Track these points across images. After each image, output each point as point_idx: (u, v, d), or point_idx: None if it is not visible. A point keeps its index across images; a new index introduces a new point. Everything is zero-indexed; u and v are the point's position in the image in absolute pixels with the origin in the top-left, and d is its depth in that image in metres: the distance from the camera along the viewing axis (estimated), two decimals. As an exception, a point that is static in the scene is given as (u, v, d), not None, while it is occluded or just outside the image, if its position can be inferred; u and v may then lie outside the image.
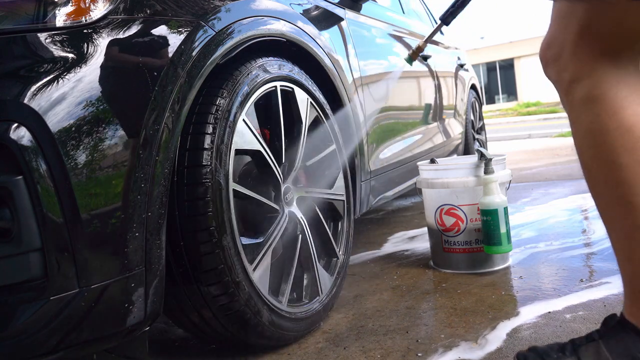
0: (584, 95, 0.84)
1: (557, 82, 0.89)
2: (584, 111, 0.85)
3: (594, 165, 0.85)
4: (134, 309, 0.91)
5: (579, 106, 0.85)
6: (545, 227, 2.20)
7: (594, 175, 0.86)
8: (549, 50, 0.90)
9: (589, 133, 0.85)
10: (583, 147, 0.87)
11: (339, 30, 1.76)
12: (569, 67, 0.85)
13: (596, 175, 0.86)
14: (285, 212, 1.30)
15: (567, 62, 0.85)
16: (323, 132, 1.51)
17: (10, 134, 0.78)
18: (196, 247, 1.03)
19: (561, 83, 0.88)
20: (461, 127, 3.44)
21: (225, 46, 1.12)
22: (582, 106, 0.85)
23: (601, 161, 0.84)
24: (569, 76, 0.86)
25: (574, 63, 0.84)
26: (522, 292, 1.46)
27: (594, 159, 0.85)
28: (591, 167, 0.86)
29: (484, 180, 1.62)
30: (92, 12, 0.90)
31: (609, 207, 0.86)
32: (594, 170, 0.86)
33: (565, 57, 0.86)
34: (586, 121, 0.85)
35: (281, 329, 1.21)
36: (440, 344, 1.18)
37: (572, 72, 0.85)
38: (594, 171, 0.86)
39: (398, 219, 2.78)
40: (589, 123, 0.84)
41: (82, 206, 0.83)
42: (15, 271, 0.80)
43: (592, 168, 0.86)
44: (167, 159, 0.96)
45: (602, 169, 0.84)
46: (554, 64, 0.88)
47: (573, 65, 0.85)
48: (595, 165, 0.85)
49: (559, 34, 0.87)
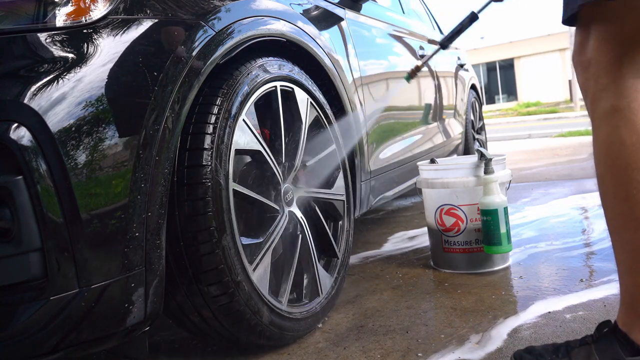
0: (607, 106, 0.84)
1: (586, 89, 0.89)
2: (605, 122, 0.85)
3: (607, 177, 0.86)
4: (134, 309, 0.91)
5: (601, 116, 0.85)
6: (545, 227, 2.20)
7: (606, 186, 0.87)
8: (577, 58, 0.90)
9: (606, 144, 0.85)
10: (599, 158, 0.88)
11: (339, 30, 1.76)
12: (595, 76, 0.85)
13: (608, 186, 0.87)
14: (285, 212, 1.30)
15: (593, 71, 0.85)
16: (323, 132, 1.51)
17: (10, 134, 0.78)
18: (196, 247, 1.03)
19: (589, 92, 0.88)
20: (461, 127, 3.44)
21: (225, 46, 1.12)
22: (604, 117, 0.85)
23: (614, 174, 0.84)
24: (595, 86, 0.86)
25: (599, 72, 0.84)
26: (522, 292, 1.46)
27: (608, 170, 0.86)
28: (604, 178, 0.87)
29: (484, 180, 1.62)
30: (92, 12, 0.90)
31: (616, 220, 0.87)
32: (607, 181, 0.87)
33: (592, 66, 0.85)
34: (605, 132, 0.85)
35: (281, 329, 1.21)
36: (440, 344, 1.18)
37: (598, 82, 0.85)
38: (607, 182, 0.87)
39: (398, 219, 2.78)
40: (607, 134, 0.85)
41: (82, 206, 0.83)
42: (15, 271, 0.80)
43: (606, 179, 0.87)
44: (167, 159, 0.96)
45: (614, 182, 0.85)
46: (584, 72, 0.88)
47: (599, 75, 0.85)
48: (609, 177, 0.86)
49: (583, 42, 0.87)
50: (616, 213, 0.86)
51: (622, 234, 0.86)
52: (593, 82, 0.86)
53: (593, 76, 0.86)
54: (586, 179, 3.44)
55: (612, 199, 0.86)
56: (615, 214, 0.87)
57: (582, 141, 6.40)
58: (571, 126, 9.01)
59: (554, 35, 26.00)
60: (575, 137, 7.09)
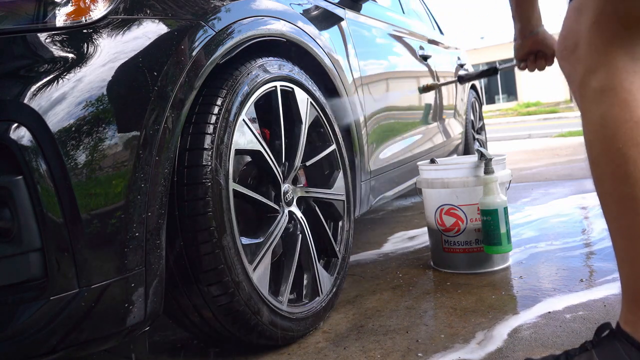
0: (598, 86, 0.82)
1: (572, 74, 0.87)
2: (597, 102, 0.82)
3: (603, 159, 0.83)
4: (134, 309, 0.91)
5: (592, 97, 0.83)
6: (545, 227, 2.20)
7: (602, 169, 0.83)
8: (564, 42, 0.88)
9: (600, 125, 0.82)
10: (592, 140, 0.85)
11: (339, 30, 1.76)
12: (584, 57, 0.83)
13: (604, 169, 0.83)
14: (285, 212, 1.30)
15: (582, 52, 0.83)
16: (323, 132, 1.51)
17: (10, 134, 0.78)
18: (196, 247, 1.03)
19: (576, 75, 0.86)
20: (461, 127, 3.44)
21: (225, 46, 1.12)
22: (595, 97, 0.82)
23: (610, 154, 0.81)
24: (584, 67, 0.84)
25: (589, 53, 0.83)
26: (522, 292, 1.46)
27: (603, 152, 0.82)
28: (599, 161, 0.84)
29: (484, 180, 1.62)
30: (92, 12, 0.90)
31: (613, 204, 0.83)
32: (602, 164, 0.83)
33: (581, 48, 0.83)
34: (598, 113, 0.82)
35: (281, 329, 1.21)
36: (440, 344, 1.18)
37: (587, 62, 0.83)
38: (602, 165, 0.83)
39: (398, 219, 2.78)
40: (601, 115, 0.82)
41: (82, 206, 0.83)
42: (15, 271, 0.80)
43: (601, 162, 0.83)
44: (167, 159, 0.96)
45: (610, 163, 0.81)
46: (570, 56, 0.86)
47: (589, 56, 0.83)
48: (604, 159, 0.82)
49: (574, 25, 0.85)
50: (614, 197, 0.82)
51: (622, 219, 0.82)
52: (581, 65, 0.84)
53: (582, 58, 0.84)
54: (586, 179, 3.44)
55: (610, 182, 0.82)
56: (613, 199, 0.83)
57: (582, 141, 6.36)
58: (571, 126, 9.00)
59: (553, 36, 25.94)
60: (575, 137, 7.09)
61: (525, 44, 1.38)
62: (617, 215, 0.83)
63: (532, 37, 1.36)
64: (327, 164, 1.55)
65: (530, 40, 1.36)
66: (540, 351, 1.09)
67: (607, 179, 0.83)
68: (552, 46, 1.38)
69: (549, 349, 1.09)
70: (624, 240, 0.83)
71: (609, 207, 0.85)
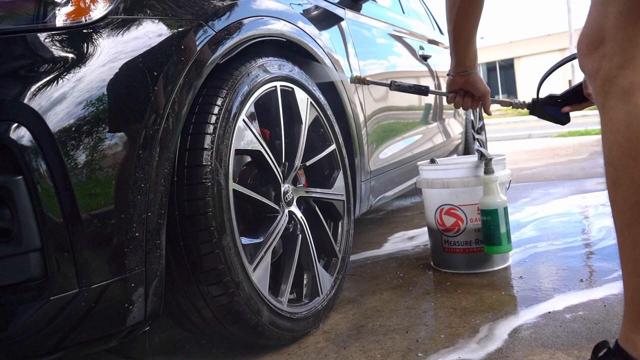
0: (626, 84, 0.78)
1: (596, 71, 0.82)
2: (623, 101, 0.78)
3: (623, 161, 0.78)
4: (134, 309, 0.91)
5: (618, 95, 0.79)
6: (545, 227, 2.20)
7: (620, 172, 0.79)
8: (587, 39, 0.83)
9: (624, 125, 0.78)
10: (613, 140, 0.80)
11: (339, 30, 1.76)
12: (611, 53, 0.79)
13: (622, 172, 0.78)
14: (285, 212, 1.30)
15: (609, 48, 0.79)
16: (323, 132, 1.51)
17: (10, 134, 0.78)
18: (196, 247, 1.03)
19: (600, 72, 0.81)
20: (461, 127, 3.44)
21: (225, 46, 1.12)
22: (621, 95, 0.78)
23: (632, 157, 0.77)
24: (610, 63, 0.79)
25: (617, 48, 0.78)
26: (522, 292, 1.46)
27: (625, 154, 0.78)
28: (618, 163, 0.79)
29: (484, 180, 1.62)
30: (92, 12, 0.90)
31: (629, 210, 0.78)
32: (621, 166, 0.79)
33: (607, 43, 0.79)
34: (623, 111, 0.78)
35: (281, 329, 1.21)
36: (440, 344, 1.18)
37: (614, 58, 0.79)
38: (621, 168, 0.79)
39: (398, 219, 2.78)
40: (626, 114, 0.78)
41: (82, 206, 0.83)
42: (15, 271, 0.80)
43: (620, 164, 0.79)
44: (167, 159, 0.96)
45: (631, 166, 0.77)
46: (593, 52, 0.81)
47: (616, 51, 0.78)
48: (624, 161, 0.78)
49: (598, 20, 0.81)
50: (630, 203, 0.77)
51: (636, 227, 0.77)
52: (607, 61, 0.79)
53: (608, 54, 0.79)
54: (586, 178, 3.44)
55: (628, 186, 0.77)
56: (629, 204, 0.78)
57: (582, 141, 6.40)
58: (571, 126, 9.00)
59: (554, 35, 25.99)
60: (575, 137, 7.10)
61: (458, 80, 1.43)
62: (630, 222, 0.78)
63: (465, 76, 1.41)
64: (327, 164, 1.55)
65: (463, 78, 1.42)
66: (540, 351, 1.09)
67: (625, 182, 0.78)
68: (482, 90, 1.43)
69: (549, 349, 1.09)
70: (636, 251, 0.78)
71: (623, 214, 0.80)
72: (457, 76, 1.42)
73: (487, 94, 1.44)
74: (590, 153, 5.02)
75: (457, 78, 1.42)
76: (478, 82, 1.42)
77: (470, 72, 1.40)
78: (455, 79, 1.43)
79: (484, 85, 1.43)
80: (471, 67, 1.38)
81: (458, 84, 1.44)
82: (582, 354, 1.05)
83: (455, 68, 1.40)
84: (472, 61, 1.37)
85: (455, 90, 1.47)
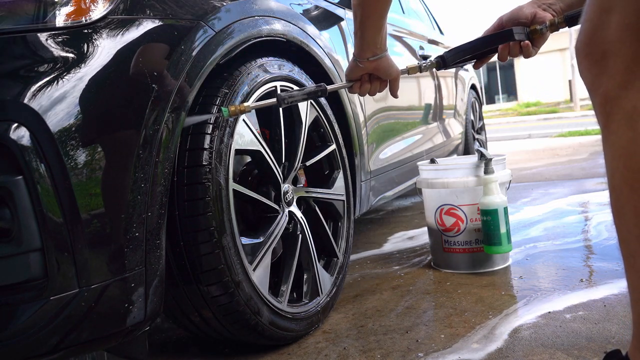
0: (630, 107, 0.70)
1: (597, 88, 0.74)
2: (627, 126, 0.71)
3: (625, 191, 0.73)
4: (134, 309, 0.91)
5: (621, 119, 0.71)
6: (545, 227, 2.20)
7: (623, 201, 0.74)
8: (587, 48, 0.74)
9: (626, 152, 0.71)
10: (615, 167, 0.74)
11: (339, 30, 1.76)
12: (614, 70, 0.71)
13: (626, 202, 0.73)
14: (285, 212, 1.30)
15: (612, 64, 0.71)
16: (323, 132, 1.51)
17: (10, 134, 0.78)
18: (196, 247, 1.03)
19: (600, 88, 0.73)
20: (461, 127, 3.44)
21: (226, 46, 1.12)
22: (625, 120, 0.71)
23: (634, 189, 0.71)
24: (611, 83, 0.71)
25: (620, 65, 0.70)
26: (522, 292, 1.46)
27: (627, 183, 0.72)
28: (621, 193, 0.74)
29: (484, 180, 1.62)
30: (92, 12, 0.90)
31: (635, 242, 0.73)
32: (624, 195, 0.73)
33: (609, 58, 0.71)
34: (626, 137, 0.71)
35: (281, 329, 1.21)
36: (440, 344, 1.18)
37: (616, 78, 0.71)
38: (624, 197, 0.73)
39: (398, 219, 2.78)
40: (628, 142, 0.71)
41: (82, 206, 0.83)
42: (15, 271, 0.80)
43: (623, 193, 0.73)
44: (167, 159, 0.96)
45: (634, 197, 0.72)
46: (593, 65, 0.74)
47: (620, 69, 0.70)
48: (627, 190, 0.72)
49: (599, 29, 0.72)
50: (635, 235, 0.73)
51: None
52: (608, 78, 0.71)
53: (610, 71, 0.71)
54: (586, 178, 3.44)
55: (631, 216, 0.73)
56: (634, 236, 0.73)
57: (582, 141, 6.40)
58: (571, 126, 9.01)
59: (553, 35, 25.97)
60: (575, 137, 7.10)
61: (367, 66, 1.21)
62: (634, 253, 0.74)
63: (375, 61, 1.20)
64: (327, 164, 1.55)
65: (373, 64, 1.21)
66: (540, 351, 1.09)
67: (628, 213, 0.73)
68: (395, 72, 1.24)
69: (549, 349, 1.09)
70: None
71: (628, 244, 0.75)
72: (365, 62, 1.20)
73: (399, 75, 1.26)
74: (590, 153, 5.02)
75: (365, 64, 1.20)
76: (391, 65, 1.22)
77: (382, 55, 1.20)
78: (362, 64, 1.21)
79: (395, 66, 1.24)
80: (382, 50, 1.19)
81: (366, 70, 1.23)
82: (582, 354, 1.05)
83: (363, 52, 1.18)
84: (383, 42, 1.18)
85: (359, 77, 1.25)
